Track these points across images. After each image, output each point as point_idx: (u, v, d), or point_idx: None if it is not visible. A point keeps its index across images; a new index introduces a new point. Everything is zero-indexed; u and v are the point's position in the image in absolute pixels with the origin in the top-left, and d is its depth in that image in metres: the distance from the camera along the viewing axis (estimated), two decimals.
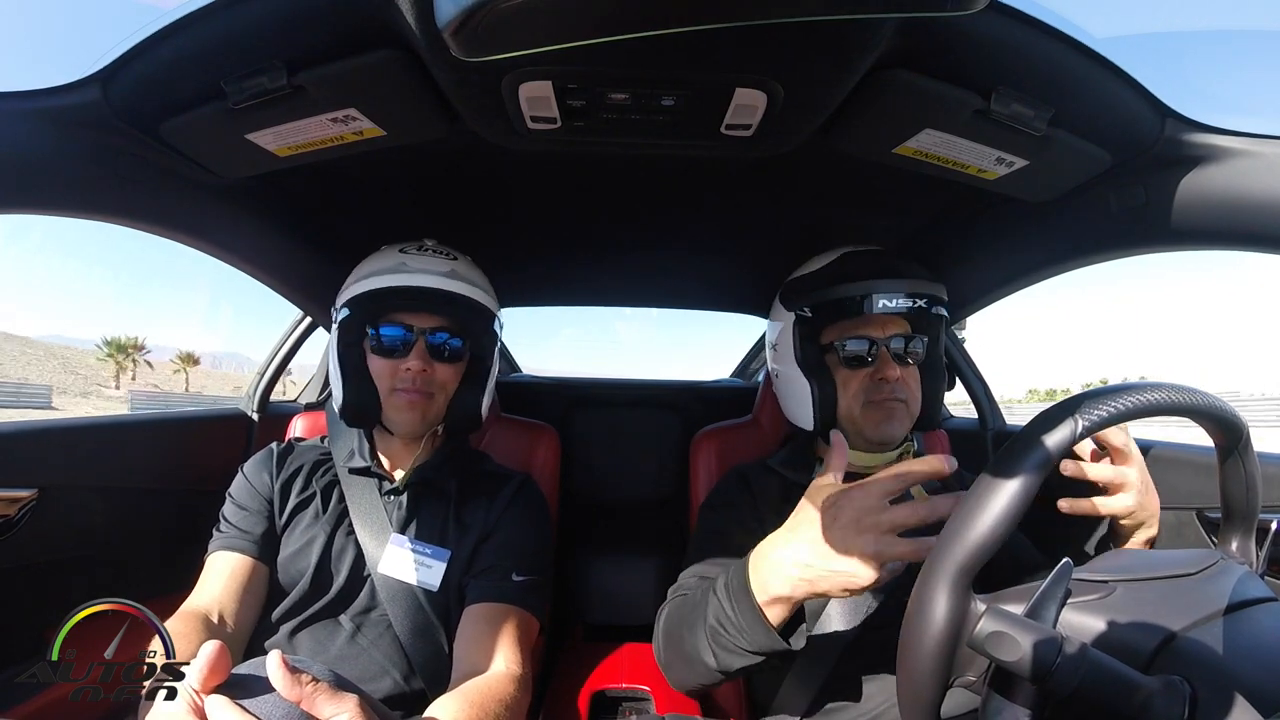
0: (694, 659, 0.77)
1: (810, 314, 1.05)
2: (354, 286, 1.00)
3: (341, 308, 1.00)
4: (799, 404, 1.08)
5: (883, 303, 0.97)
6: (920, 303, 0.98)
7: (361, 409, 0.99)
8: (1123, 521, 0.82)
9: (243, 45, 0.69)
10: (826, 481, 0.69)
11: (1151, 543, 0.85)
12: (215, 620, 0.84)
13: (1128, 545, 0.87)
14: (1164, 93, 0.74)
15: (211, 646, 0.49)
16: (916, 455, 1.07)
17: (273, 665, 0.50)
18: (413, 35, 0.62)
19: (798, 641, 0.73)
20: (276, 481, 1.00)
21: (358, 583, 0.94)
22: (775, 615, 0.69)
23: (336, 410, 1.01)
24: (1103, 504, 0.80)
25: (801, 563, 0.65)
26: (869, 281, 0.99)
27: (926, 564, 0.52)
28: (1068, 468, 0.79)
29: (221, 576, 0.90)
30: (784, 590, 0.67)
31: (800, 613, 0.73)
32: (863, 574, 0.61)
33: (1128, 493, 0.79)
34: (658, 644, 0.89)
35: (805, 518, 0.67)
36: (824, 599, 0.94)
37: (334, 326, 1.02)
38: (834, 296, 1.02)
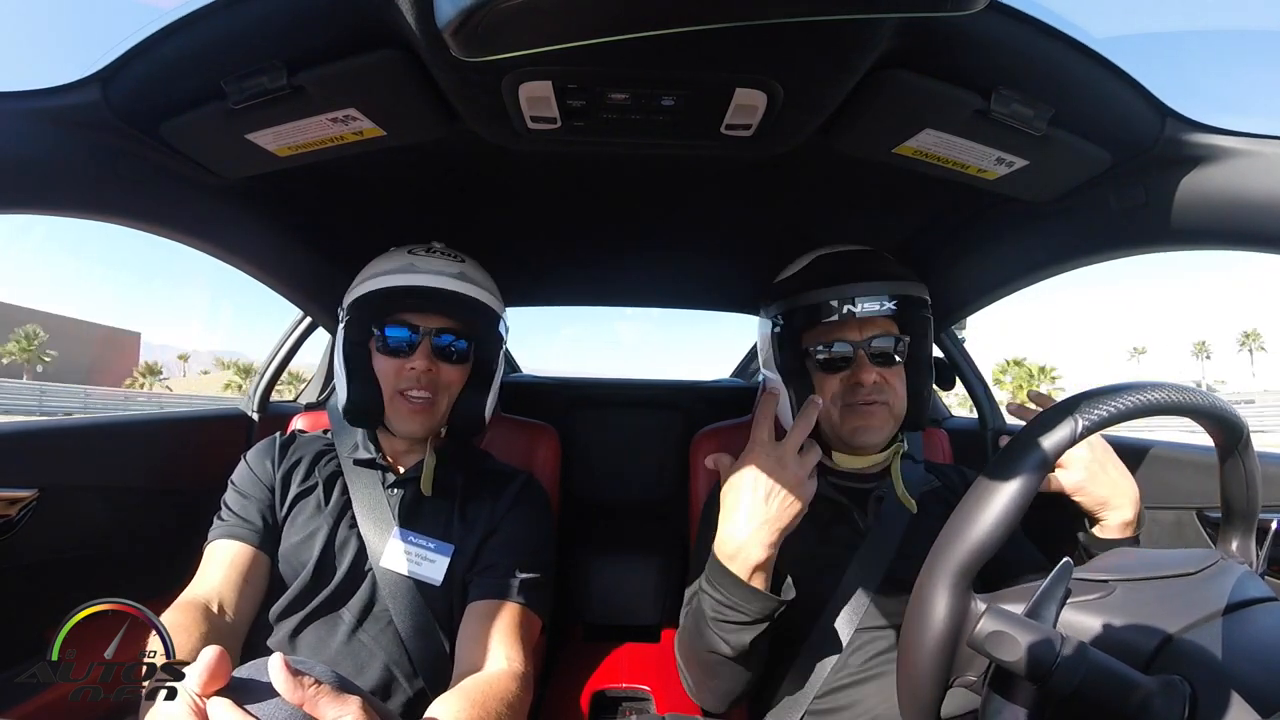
0: (711, 660, 0.82)
1: (782, 321, 1.05)
2: (362, 286, 1.00)
3: (349, 307, 1.00)
4: (784, 408, 1.07)
5: (848, 308, 0.96)
6: (889, 304, 0.97)
7: (365, 409, 0.99)
8: (1078, 499, 0.88)
9: (243, 45, 0.69)
10: (756, 444, 0.80)
11: (1130, 527, 0.89)
12: (215, 610, 0.84)
13: (1101, 528, 0.91)
14: (1164, 93, 0.74)
15: (211, 651, 0.49)
16: (906, 456, 1.06)
17: (274, 668, 0.50)
18: (413, 35, 0.62)
19: (788, 593, 0.80)
20: (278, 470, 1.00)
21: (359, 576, 0.94)
22: (760, 581, 0.78)
23: (340, 409, 1.01)
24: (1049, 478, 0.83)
25: (759, 520, 0.76)
26: (837, 286, 0.98)
27: (927, 563, 0.52)
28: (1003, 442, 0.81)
29: (221, 565, 0.90)
30: (760, 554, 0.76)
31: (779, 571, 0.83)
32: (805, 487, 0.77)
33: (1071, 470, 0.87)
34: (683, 674, 0.93)
35: (736, 486, 0.79)
36: (825, 598, 0.95)
37: (339, 326, 1.01)
38: (802, 304, 1.01)
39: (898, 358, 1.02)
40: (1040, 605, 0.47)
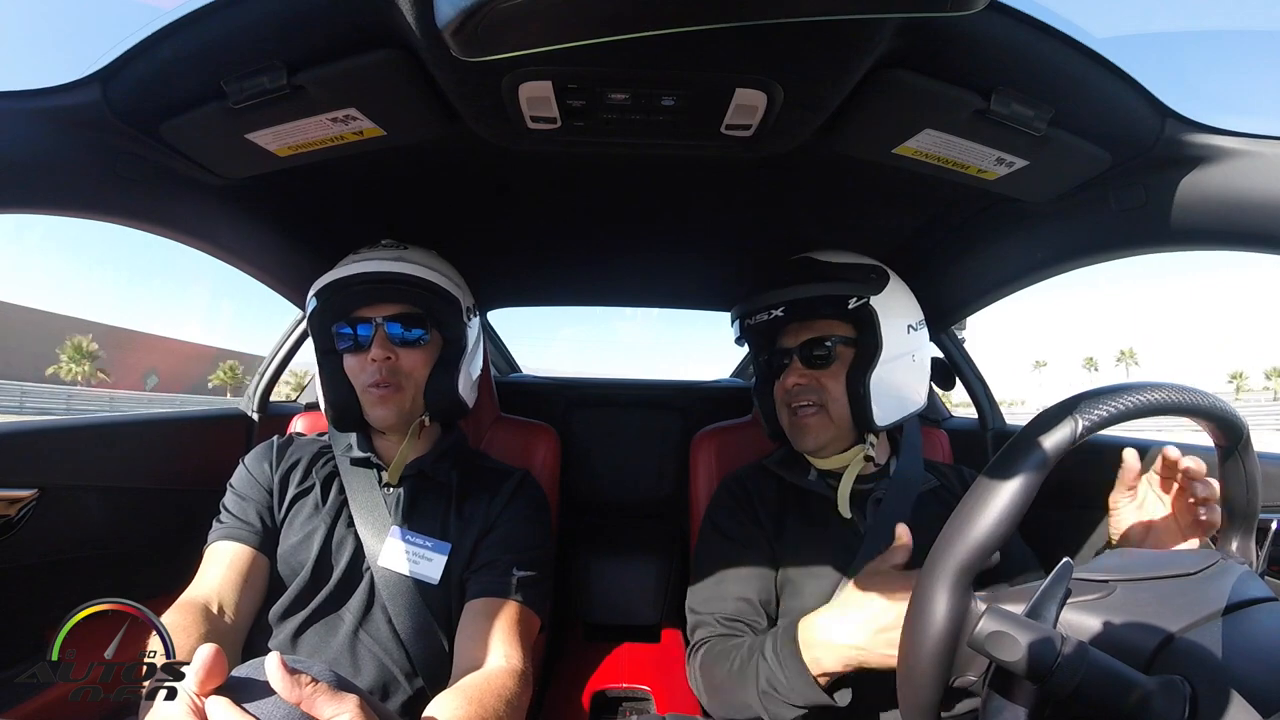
0: (743, 709, 0.84)
1: (738, 334, 1.12)
2: (309, 300, 1.01)
3: (309, 321, 1.02)
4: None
5: (758, 317, 1.02)
6: (777, 312, 1.00)
7: (343, 410, 1.00)
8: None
9: (243, 45, 0.69)
10: (880, 568, 0.76)
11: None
12: (214, 610, 0.84)
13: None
14: (1164, 93, 0.74)
15: (207, 650, 0.49)
16: (867, 455, 1.03)
17: (271, 666, 0.50)
18: (413, 35, 0.62)
19: (843, 698, 0.78)
20: (276, 473, 1.01)
21: (357, 576, 0.94)
22: (824, 680, 0.76)
23: (325, 414, 1.02)
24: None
25: (855, 645, 0.73)
26: (752, 300, 1.04)
27: (927, 563, 0.52)
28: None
29: (221, 566, 0.90)
30: (837, 668, 0.75)
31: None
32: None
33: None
34: (699, 690, 0.94)
35: (855, 599, 0.75)
36: (825, 598, 0.95)
37: (310, 338, 1.04)
38: (736, 318, 1.10)
39: (833, 359, 1.02)
40: (1040, 605, 0.47)
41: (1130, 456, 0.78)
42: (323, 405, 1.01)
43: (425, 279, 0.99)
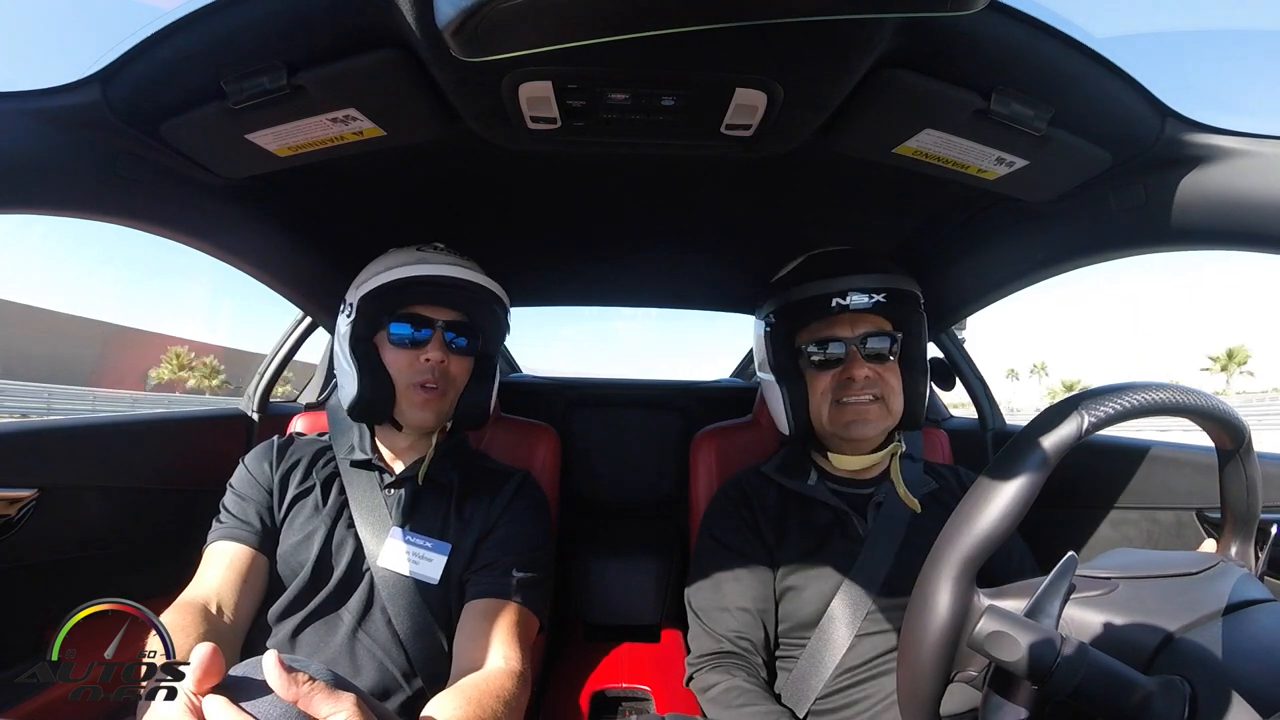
0: None
1: (775, 320, 1.06)
2: (374, 280, 0.99)
3: (360, 301, 0.99)
4: (776, 409, 1.08)
5: (837, 300, 0.97)
6: (879, 297, 0.97)
7: (375, 404, 0.98)
8: None
9: (243, 45, 0.69)
10: None
11: None
12: (214, 610, 0.84)
13: None
14: (1164, 93, 0.74)
15: (204, 649, 0.49)
16: (905, 456, 1.06)
17: (269, 665, 0.50)
18: (413, 35, 0.62)
19: None
20: (276, 473, 1.00)
21: (356, 576, 0.94)
22: None
23: (346, 406, 1.00)
24: None
25: None
26: (827, 280, 0.98)
27: (929, 558, 0.52)
28: None
29: (220, 566, 0.90)
30: None
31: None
32: None
33: None
34: (700, 701, 0.95)
35: None
36: (825, 603, 0.95)
37: (347, 321, 1.01)
38: (794, 299, 1.02)
39: (891, 356, 1.02)
40: (1044, 600, 0.47)
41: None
42: (348, 395, 0.99)
43: (490, 290, 1.01)
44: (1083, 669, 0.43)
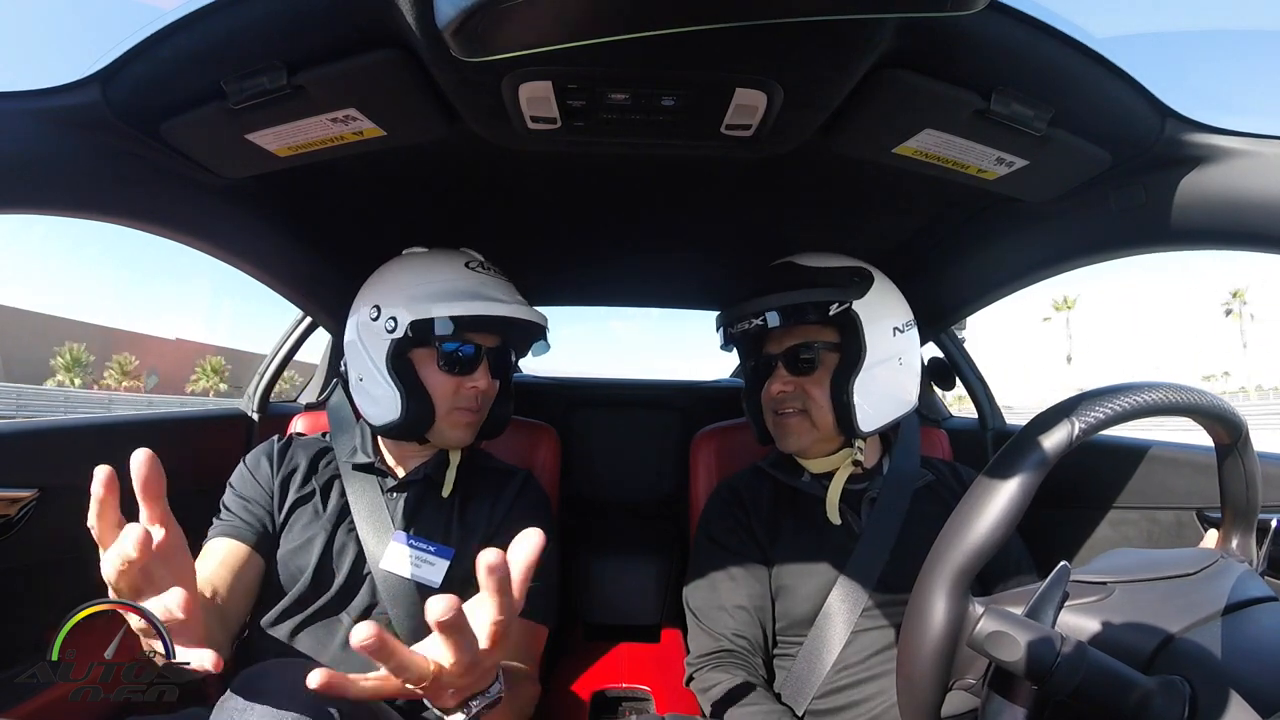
0: None
1: (724, 338, 1.13)
2: (427, 304, 0.94)
3: (410, 323, 0.94)
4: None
5: (753, 321, 1.01)
6: (757, 321, 1.00)
7: (416, 425, 0.96)
8: None
9: (243, 45, 0.69)
10: None
11: None
12: (207, 595, 0.83)
13: None
14: (1164, 93, 0.74)
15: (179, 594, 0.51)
16: (855, 460, 1.04)
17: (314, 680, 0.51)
18: (413, 35, 0.62)
19: None
20: (277, 475, 1.00)
21: (358, 580, 0.93)
22: None
23: (378, 423, 0.98)
24: None
25: None
26: (748, 302, 1.03)
27: (925, 566, 0.52)
28: None
29: (215, 560, 0.90)
30: None
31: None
32: None
33: None
34: (699, 702, 0.96)
35: None
36: (821, 599, 0.95)
37: (389, 336, 0.95)
38: (726, 320, 1.09)
39: (820, 367, 1.02)
40: (1039, 607, 0.47)
41: None
42: (390, 414, 0.95)
43: (542, 326, 1.03)
44: (1082, 669, 0.43)
